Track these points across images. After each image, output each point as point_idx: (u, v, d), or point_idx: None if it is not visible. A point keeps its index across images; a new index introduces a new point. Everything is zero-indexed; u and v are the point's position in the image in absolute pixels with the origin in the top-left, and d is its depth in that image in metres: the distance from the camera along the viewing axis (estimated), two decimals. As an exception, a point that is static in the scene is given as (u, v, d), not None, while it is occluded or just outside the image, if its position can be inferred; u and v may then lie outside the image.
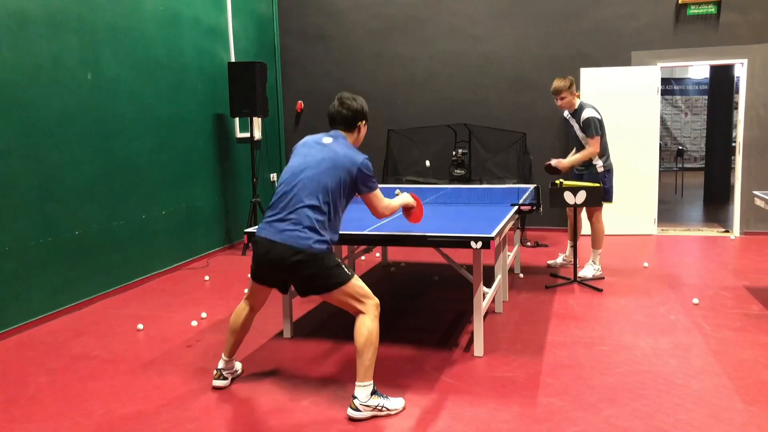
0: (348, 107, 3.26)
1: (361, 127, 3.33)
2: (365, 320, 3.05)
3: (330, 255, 3.08)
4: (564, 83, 5.37)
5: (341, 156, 3.14)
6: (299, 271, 3.05)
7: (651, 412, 3.05)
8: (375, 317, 3.08)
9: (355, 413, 3.03)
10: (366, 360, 3.02)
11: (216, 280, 5.87)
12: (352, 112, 3.26)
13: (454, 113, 7.88)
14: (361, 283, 3.13)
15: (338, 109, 3.27)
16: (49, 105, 4.76)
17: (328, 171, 3.11)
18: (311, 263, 3.02)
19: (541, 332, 4.20)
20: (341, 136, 3.27)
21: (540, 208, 4.87)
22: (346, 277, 3.08)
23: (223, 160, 7.14)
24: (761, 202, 4.82)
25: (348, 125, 3.28)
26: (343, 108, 3.26)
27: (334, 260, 3.09)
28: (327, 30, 8.29)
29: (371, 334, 3.03)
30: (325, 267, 3.04)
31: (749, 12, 7.08)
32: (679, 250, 6.67)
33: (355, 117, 3.27)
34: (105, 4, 5.32)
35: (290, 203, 3.09)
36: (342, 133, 3.28)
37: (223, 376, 3.45)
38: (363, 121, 3.33)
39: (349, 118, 3.27)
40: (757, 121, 7.21)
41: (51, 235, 4.77)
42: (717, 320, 4.37)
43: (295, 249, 3.00)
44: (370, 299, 3.11)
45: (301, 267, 3.03)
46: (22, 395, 3.42)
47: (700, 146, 14.78)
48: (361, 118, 3.31)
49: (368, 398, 3.04)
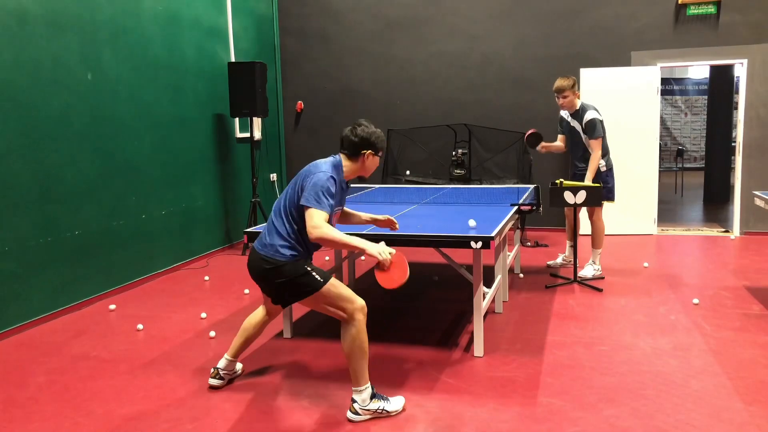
0: (355, 133, 3.16)
1: (366, 157, 3.18)
2: (347, 327, 3.04)
3: (296, 263, 3.05)
4: (567, 82, 5.38)
5: (308, 168, 3.13)
6: (270, 280, 3.09)
7: (651, 412, 3.05)
8: (358, 321, 3.02)
9: (354, 417, 3.03)
10: (355, 365, 3.02)
11: (216, 280, 5.87)
12: (358, 139, 3.15)
13: (454, 113, 7.88)
14: (339, 290, 3.05)
15: (347, 133, 3.19)
16: (49, 105, 4.76)
17: (293, 184, 3.13)
18: (277, 271, 3.04)
19: (541, 332, 4.20)
20: (338, 159, 3.18)
21: (540, 208, 4.87)
22: (316, 285, 3.04)
23: (223, 160, 7.14)
24: (761, 202, 4.82)
25: (351, 151, 3.17)
26: (352, 133, 3.17)
27: (302, 269, 3.05)
28: (327, 30, 8.29)
29: (354, 340, 3.01)
30: (291, 275, 3.04)
31: (749, 12, 7.08)
32: (679, 250, 6.67)
33: (359, 144, 3.15)
34: (105, 4, 5.32)
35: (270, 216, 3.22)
36: (341, 157, 3.19)
37: (220, 375, 3.44)
38: (369, 152, 3.17)
39: (354, 144, 3.16)
40: (757, 121, 7.21)
41: (51, 235, 4.76)
42: (717, 320, 4.37)
43: (261, 256, 3.08)
44: (350, 303, 3.03)
45: (270, 275, 3.07)
46: (22, 395, 3.42)
47: (700, 146, 14.78)
48: (367, 147, 3.16)
49: (368, 402, 3.03)
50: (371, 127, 3.21)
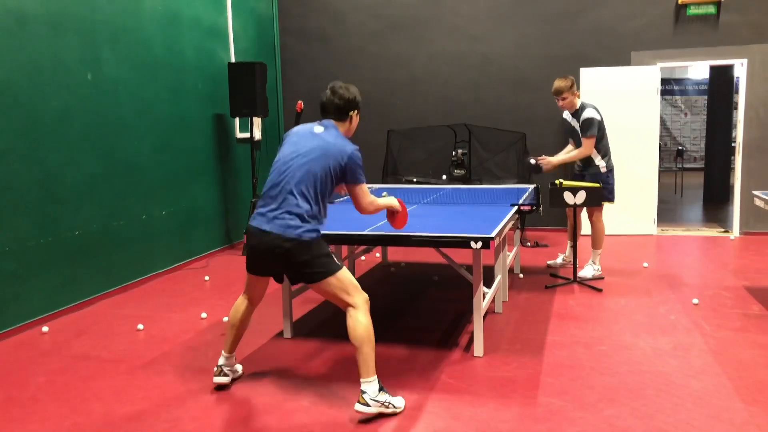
0: (340, 96, 3.20)
1: (353, 117, 3.27)
2: (357, 315, 3.04)
3: (320, 243, 3.08)
4: (565, 83, 5.37)
5: (331, 146, 3.12)
6: (290, 259, 3.05)
7: (651, 412, 3.05)
8: (366, 311, 3.06)
9: (363, 408, 3.00)
10: (365, 355, 3.01)
11: (216, 280, 5.87)
12: (344, 102, 3.20)
13: (454, 113, 7.88)
14: (350, 277, 3.12)
15: (330, 98, 3.21)
16: (49, 105, 4.76)
17: (318, 160, 3.09)
18: (302, 251, 3.02)
19: (541, 332, 4.20)
20: (332, 125, 3.22)
21: (540, 209, 4.87)
22: (335, 267, 3.08)
23: (223, 160, 7.14)
24: (761, 202, 4.82)
25: (339, 115, 3.22)
26: (335, 97, 3.20)
27: (325, 249, 3.09)
28: (327, 30, 8.29)
29: (365, 328, 3.02)
30: (315, 255, 3.04)
31: (749, 12, 7.08)
32: (679, 250, 6.67)
33: (346, 106, 3.21)
34: (105, 4, 5.32)
35: (281, 193, 3.09)
36: (333, 122, 3.23)
37: (224, 372, 3.44)
38: (355, 111, 3.26)
39: (341, 108, 3.21)
40: (757, 121, 7.21)
41: (51, 235, 4.76)
42: (717, 320, 4.37)
43: (285, 237, 3.01)
44: (359, 293, 3.10)
45: (292, 255, 3.03)
46: (22, 395, 3.42)
47: (700, 146, 14.78)
48: (353, 107, 3.24)
49: (377, 393, 3.02)
50: (350, 86, 3.27)
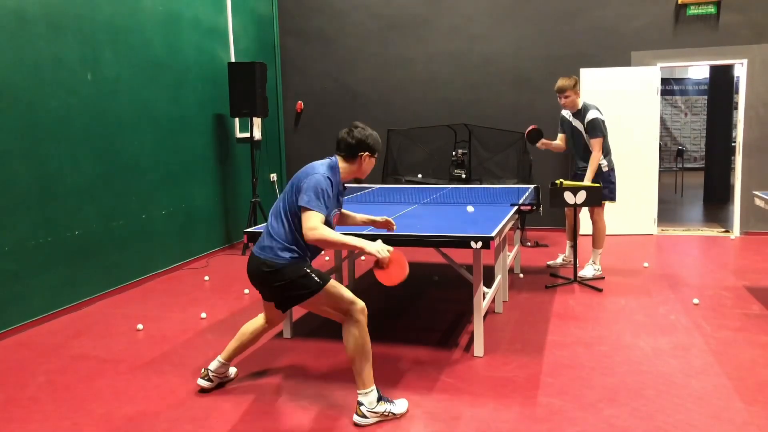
0: (353, 135, 3.15)
1: (363, 159, 3.18)
2: (349, 328, 3.02)
3: (295, 265, 3.03)
4: (568, 82, 5.39)
5: (305, 170, 3.11)
6: (270, 283, 3.07)
7: (651, 412, 3.05)
8: (358, 322, 3.02)
9: (361, 420, 3.00)
10: (359, 367, 3.01)
11: (216, 280, 5.87)
12: (355, 141, 3.14)
13: (454, 113, 7.88)
14: (338, 291, 3.05)
15: (343, 135, 3.18)
16: (49, 105, 4.76)
17: (291, 186, 3.11)
18: (277, 273, 3.02)
19: (541, 332, 4.20)
20: (334, 160, 3.18)
21: (540, 208, 4.87)
22: (315, 286, 3.02)
23: (223, 160, 7.14)
24: (761, 202, 4.82)
25: (348, 153, 3.17)
26: (349, 135, 3.16)
27: (302, 270, 3.04)
28: (327, 30, 8.29)
29: (357, 341, 3.00)
30: (290, 277, 3.02)
31: (749, 12, 7.08)
32: (679, 250, 6.67)
33: (357, 146, 3.14)
34: (105, 4, 5.32)
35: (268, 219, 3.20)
36: (338, 159, 3.19)
37: (209, 377, 3.41)
38: (366, 153, 3.18)
39: (351, 146, 3.15)
40: (757, 121, 7.21)
41: (51, 235, 4.76)
42: (717, 320, 4.37)
43: (261, 260, 3.05)
44: (351, 305, 3.04)
45: (270, 278, 3.04)
46: (22, 395, 3.42)
47: (700, 146, 14.77)
48: (364, 149, 3.16)
49: (375, 404, 3.01)
50: (367, 129, 3.20)
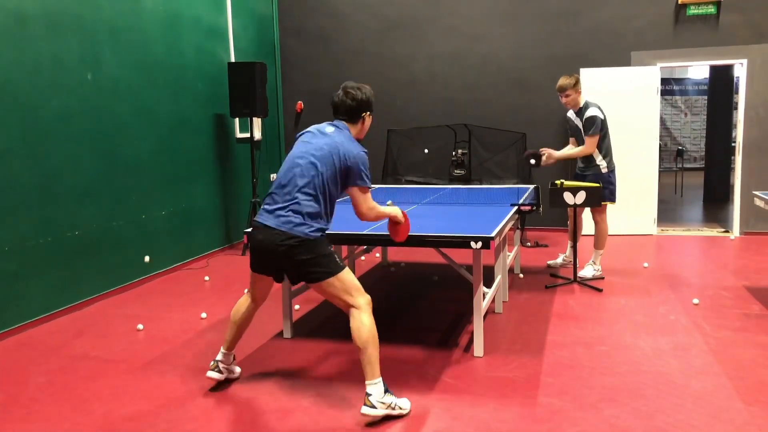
0: (353, 97, 3.16)
1: (365, 118, 3.23)
2: (360, 316, 3.01)
3: (323, 243, 3.05)
4: (569, 81, 5.40)
5: (340, 146, 3.09)
6: (292, 257, 3.02)
7: (651, 412, 3.05)
8: (369, 313, 3.04)
9: (370, 410, 2.96)
10: (370, 356, 2.99)
11: (216, 280, 5.86)
12: (356, 103, 3.16)
13: (454, 113, 7.88)
14: (352, 277, 3.10)
15: (342, 99, 3.18)
16: (49, 105, 4.76)
17: (325, 159, 3.07)
18: (304, 249, 3.00)
19: (541, 332, 4.20)
20: (344, 126, 3.20)
21: (540, 208, 4.87)
22: (337, 268, 3.05)
23: (223, 160, 7.14)
24: (761, 202, 4.82)
25: (351, 116, 3.19)
26: (347, 98, 3.16)
27: (327, 249, 3.07)
28: (327, 30, 8.29)
29: (369, 330, 2.99)
30: (318, 254, 3.02)
31: (749, 12, 7.07)
32: (679, 250, 6.67)
33: (359, 108, 3.18)
34: (105, 4, 5.32)
35: (287, 190, 3.08)
36: (345, 123, 3.21)
37: (219, 368, 3.42)
38: (367, 113, 3.22)
39: (353, 109, 3.17)
40: (757, 121, 7.21)
41: (51, 235, 4.76)
42: (717, 320, 4.37)
43: (288, 234, 3.00)
44: (362, 294, 3.07)
45: (294, 252, 3.01)
46: (22, 395, 3.42)
47: (700, 146, 14.77)
48: (366, 109, 3.20)
49: (383, 395, 2.99)
50: (362, 87, 3.21)
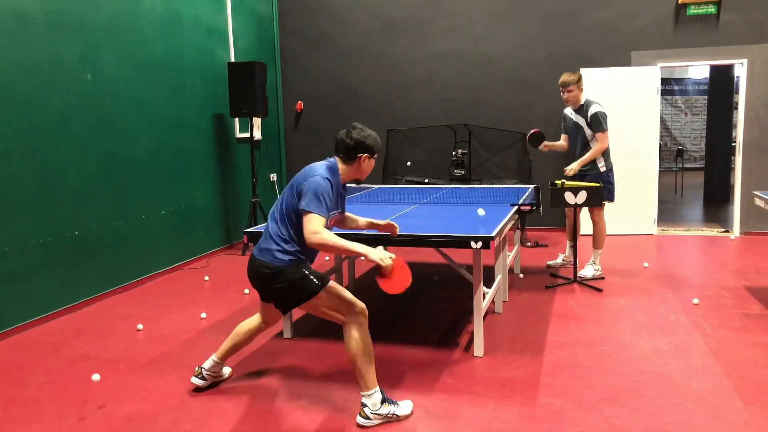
0: (351, 136, 3.12)
1: (362, 160, 3.14)
2: (349, 330, 3.01)
3: (294, 267, 3.02)
4: (572, 77, 5.41)
5: (304, 172, 3.09)
6: (269, 285, 3.06)
7: (651, 412, 3.05)
8: (359, 324, 3.01)
9: (364, 422, 2.98)
10: (361, 369, 2.99)
11: (216, 280, 5.86)
12: (354, 143, 3.10)
13: (454, 113, 7.88)
14: (338, 292, 3.04)
15: (342, 137, 3.15)
16: (49, 105, 4.76)
17: (290, 188, 3.10)
18: (276, 275, 3.02)
19: (541, 332, 4.20)
20: (333, 162, 3.16)
21: (540, 208, 4.87)
22: (314, 288, 3.01)
23: (223, 160, 7.14)
24: (761, 202, 4.82)
25: (347, 154, 3.13)
26: (347, 136, 3.13)
27: (300, 272, 3.03)
28: (327, 30, 8.29)
29: (357, 344, 2.98)
30: (291, 279, 3.01)
31: (749, 12, 7.07)
32: (679, 250, 6.67)
33: (355, 148, 3.11)
34: (105, 4, 5.32)
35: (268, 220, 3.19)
36: (337, 160, 3.16)
37: (203, 376, 3.41)
38: (365, 155, 3.14)
39: (349, 148, 3.11)
40: (757, 121, 7.21)
41: (51, 235, 4.76)
42: (717, 320, 4.37)
43: (261, 262, 3.05)
44: (351, 306, 3.03)
45: (269, 280, 3.04)
46: (22, 395, 3.42)
47: (700, 146, 14.78)
48: (363, 150, 3.12)
49: (379, 407, 2.99)
50: (366, 130, 3.17)
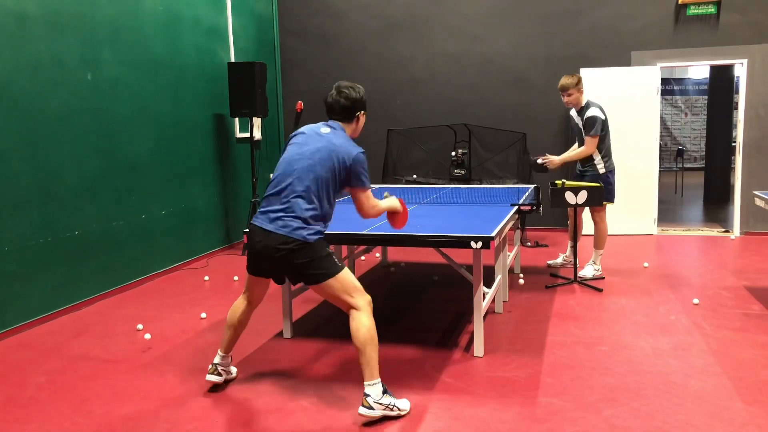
0: (346, 96, 3.14)
1: (359, 117, 3.22)
2: (360, 317, 3.01)
3: (321, 244, 3.05)
4: (571, 80, 5.40)
5: (337, 147, 3.08)
6: (291, 260, 3.03)
7: (651, 412, 3.05)
8: (369, 313, 3.04)
9: (367, 411, 2.96)
10: (369, 357, 2.98)
11: (216, 280, 5.86)
12: (351, 102, 3.15)
13: (454, 113, 7.88)
14: (352, 278, 3.10)
15: (336, 99, 3.16)
16: (49, 105, 4.76)
17: (323, 162, 3.06)
18: (302, 252, 3.00)
19: (541, 332, 4.20)
20: (339, 126, 3.19)
21: (540, 208, 4.87)
22: (336, 269, 3.05)
23: (223, 160, 7.14)
24: (761, 202, 4.82)
25: (346, 116, 3.18)
26: (341, 97, 3.15)
27: (326, 250, 3.06)
28: (327, 30, 8.29)
29: (368, 330, 2.99)
30: (316, 256, 3.01)
31: (749, 12, 7.08)
32: (679, 250, 6.67)
33: (353, 107, 3.16)
34: (105, 4, 5.32)
35: (285, 193, 3.07)
36: (340, 123, 3.20)
37: (218, 371, 3.42)
38: (362, 112, 3.21)
39: (348, 108, 3.16)
40: (757, 121, 7.21)
41: (51, 235, 4.76)
42: (717, 320, 4.37)
43: (286, 238, 3.00)
44: (362, 295, 3.07)
45: (293, 256, 3.01)
46: (22, 395, 3.42)
47: (700, 146, 14.78)
48: (360, 108, 3.19)
49: (380, 396, 2.99)
50: (355, 86, 3.20)
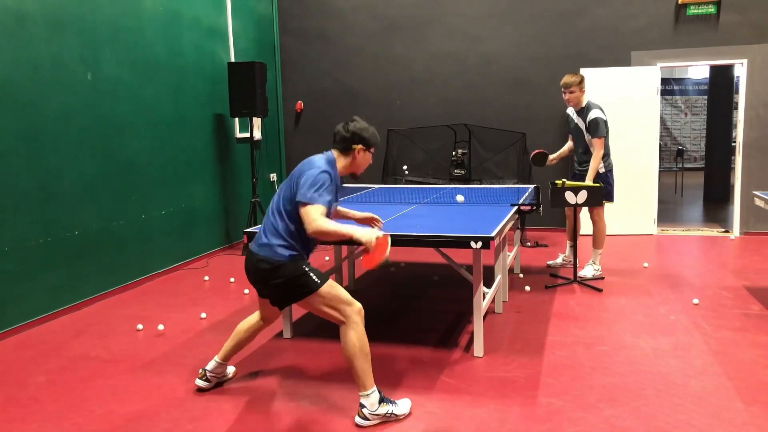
0: (347, 128, 3.17)
1: (357, 152, 3.18)
2: (346, 331, 3.01)
3: (294, 263, 3.03)
4: (575, 79, 5.42)
5: (303, 165, 3.11)
6: (267, 280, 3.06)
7: (651, 412, 3.05)
8: (356, 324, 3.01)
9: (363, 422, 2.98)
10: (357, 370, 2.99)
11: (215, 280, 5.86)
12: (350, 134, 3.15)
13: (454, 113, 7.88)
14: (336, 291, 3.05)
15: (339, 128, 3.20)
16: (49, 105, 4.76)
17: (289, 180, 3.11)
18: (275, 271, 3.01)
19: (541, 332, 4.20)
20: (330, 154, 3.19)
21: (540, 208, 4.87)
22: (313, 286, 3.02)
23: (223, 160, 7.14)
24: (761, 202, 4.82)
25: (342, 146, 3.18)
26: (344, 127, 3.18)
27: (300, 269, 3.03)
28: (327, 30, 8.29)
29: (353, 344, 2.98)
30: (289, 275, 3.01)
31: (749, 12, 7.08)
32: (679, 250, 6.67)
33: (351, 138, 3.15)
34: (105, 4, 5.32)
35: (266, 214, 3.19)
36: (334, 153, 3.20)
37: (207, 377, 3.41)
38: (360, 146, 3.17)
39: (345, 138, 3.16)
40: (757, 121, 7.21)
41: (51, 235, 4.76)
42: (717, 320, 4.37)
43: (260, 257, 3.04)
44: (348, 306, 3.03)
45: (267, 275, 3.04)
46: (22, 395, 3.42)
47: (700, 146, 14.78)
48: (359, 141, 3.16)
49: (377, 407, 2.99)
50: (363, 122, 3.22)
